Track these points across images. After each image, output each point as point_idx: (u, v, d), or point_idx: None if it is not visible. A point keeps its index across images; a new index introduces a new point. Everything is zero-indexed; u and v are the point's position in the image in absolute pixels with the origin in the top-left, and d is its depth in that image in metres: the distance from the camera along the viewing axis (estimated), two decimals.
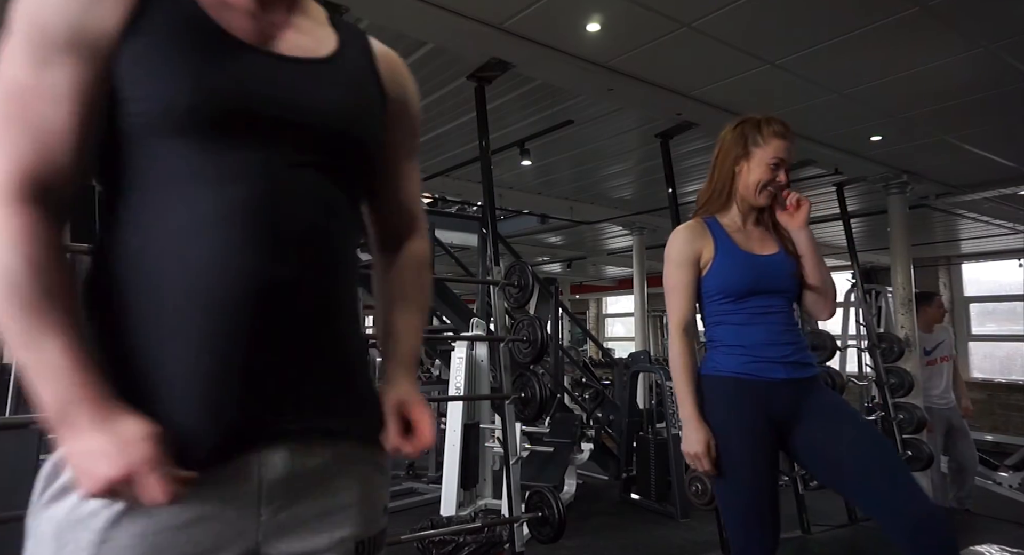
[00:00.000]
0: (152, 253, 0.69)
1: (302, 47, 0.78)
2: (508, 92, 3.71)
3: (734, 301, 1.67)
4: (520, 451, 3.44)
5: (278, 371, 0.71)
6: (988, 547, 2.20)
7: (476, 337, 3.68)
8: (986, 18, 2.77)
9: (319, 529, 0.74)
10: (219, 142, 0.69)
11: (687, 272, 1.71)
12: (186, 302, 0.67)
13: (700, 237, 1.72)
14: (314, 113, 0.75)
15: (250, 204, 0.69)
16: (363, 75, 0.84)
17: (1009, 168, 4.83)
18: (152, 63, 0.68)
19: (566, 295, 13.15)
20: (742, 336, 1.65)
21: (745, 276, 1.66)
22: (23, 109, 0.66)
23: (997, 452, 5.67)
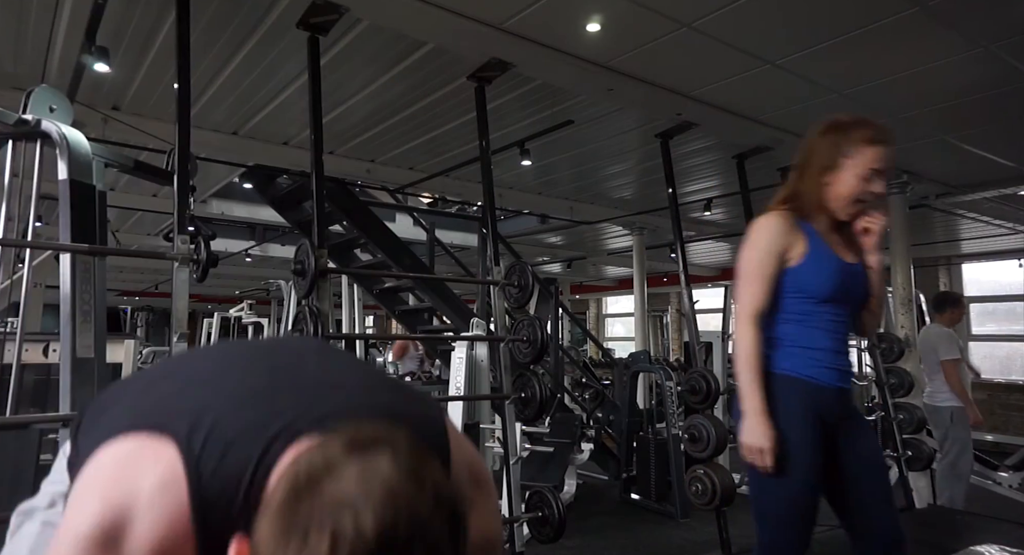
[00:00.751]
0: None
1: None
2: (508, 92, 3.71)
3: (815, 303, 1.65)
4: (520, 451, 3.44)
5: None
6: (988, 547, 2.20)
7: (476, 337, 3.67)
8: (986, 18, 2.77)
9: None
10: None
11: (773, 263, 1.65)
12: None
13: (792, 231, 1.66)
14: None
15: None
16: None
17: (1009, 168, 4.83)
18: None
19: (566, 295, 13.14)
20: (815, 339, 1.65)
21: (834, 281, 1.65)
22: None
23: (997, 452, 5.67)
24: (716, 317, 8.18)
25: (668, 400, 4.44)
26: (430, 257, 5.90)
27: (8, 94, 3.49)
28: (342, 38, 3.11)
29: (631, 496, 4.59)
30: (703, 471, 3.18)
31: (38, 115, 2.03)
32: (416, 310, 5.42)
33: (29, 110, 2.05)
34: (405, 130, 4.39)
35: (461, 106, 3.88)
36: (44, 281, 3.74)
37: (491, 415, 3.91)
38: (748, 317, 1.64)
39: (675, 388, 4.42)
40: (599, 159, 5.12)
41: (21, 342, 1.90)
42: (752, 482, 1.68)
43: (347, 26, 2.98)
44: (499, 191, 5.47)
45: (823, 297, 1.65)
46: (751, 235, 1.69)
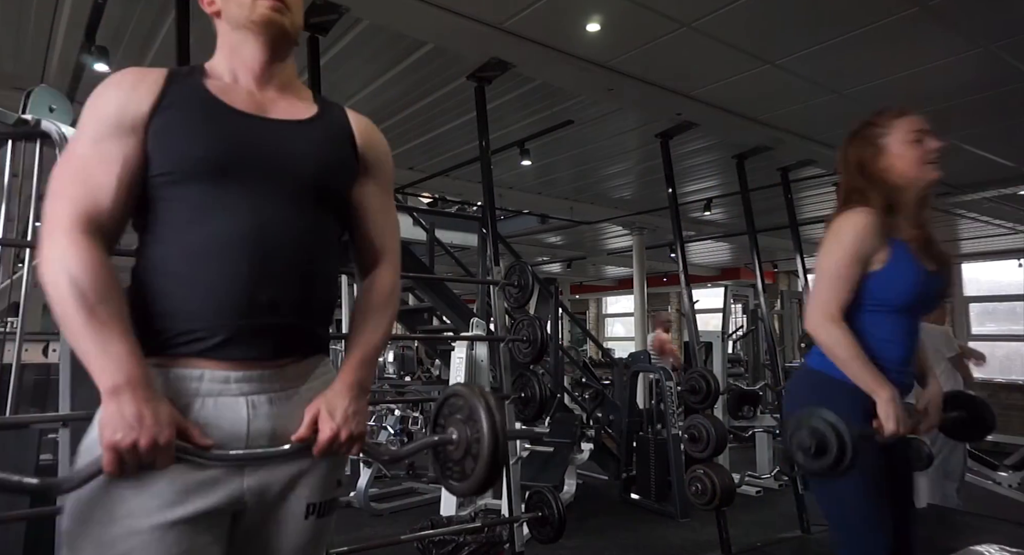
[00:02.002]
0: (171, 267, 0.94)
1: (287, 112, 1.05)
2: (508, 92, 3.71)
3: (887, 313, 1.55)
4: (520, 451, 3.44)
5: None
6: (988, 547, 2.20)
7: (476, 337, 3.67)
8: (986, 18, 2.77)
9: None
10: (220, 185, 0.95)
11: (859, 265, 1.52)
12: (195, 304, 0.93)
13: (880, 232, 1.53)
14: (293, 161, 1.01)
15: (244, 233, 0.94)
16: (338, 135, 1.10)
17: (1009, 168, 4.83)
18: (171, 131, 0.95)
19: (566, 295, 13.15)
20: (884, 350, 1.54)
21: (915, 291, 1.54)
22: (81, 173, 0.93)
23: (997, 452, 5.66)
24: (716, 317, 8.18)
25: (668, 400, 4.44)
26: (430, 257, 5.90)
27: (8, 94, 3.49)
28: (342, 38, 3.11)
29: (631, 496, 4.59)
30: (703, 471, 3.18)
31: (38, 115, 2.03)
32: (416, 310, 5.42)
33: (29, 110, 2.05)
34: (405, 130, 4.39)
35: (461, 106, 3.89)
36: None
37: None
38: (827, 316, 1.52)
39: (675, 388, 4.42)
40: (599, 159, 5.13)
41: (21, 342, 1.90)
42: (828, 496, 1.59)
43: (347, 26, 2.98)
44: (499, 191, 5.48)
45: (901, 308, 1.55)
46: (842, 233, 1.54)
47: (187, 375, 0.92)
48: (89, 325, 0.85)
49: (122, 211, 0.95)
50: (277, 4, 1.02)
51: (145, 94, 0.96)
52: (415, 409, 5.15)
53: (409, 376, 6.89)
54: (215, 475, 0.91)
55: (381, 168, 1.16)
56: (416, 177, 5.41)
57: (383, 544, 2.59)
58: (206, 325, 0.92)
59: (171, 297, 0.93)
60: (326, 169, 1.05)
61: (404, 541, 2.77)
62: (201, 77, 1.02)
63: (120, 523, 0.86)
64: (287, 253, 0.98)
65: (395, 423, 4.80)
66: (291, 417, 0.98)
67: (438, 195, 7.34)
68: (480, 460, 0.97)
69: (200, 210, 0.94)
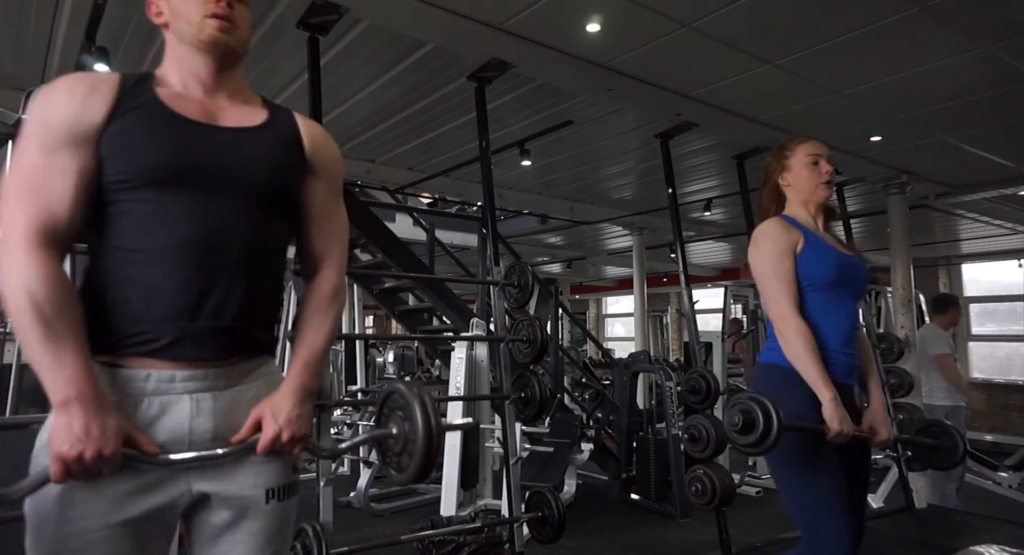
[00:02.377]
0: (122, 270, 0.98)
1: (237, 120, 1.08)
2: (508, 92, 3.71)
3: (819, 289, 1.73)
4: (520, 451, 3.44)
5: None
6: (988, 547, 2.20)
7: (476, 337, 3.67)
8: (986, 18, 2.77)
9: None
10: (171, 192, 0.98)
11: (790, 259, 1.74)
12: (145, 307, 0.97)
13: (792, 228, 1.79)
14: (243, 167, 1.04)
15: (192, 239, 0.98)
16: (287, 140, 1.12)
17: (1009, 168, 4.83)
18: (123, 139, 0.97)
19: (566, 295, 13.15)
20: (824, 329, 1.71)
21: (834, 266, 1.74)
22: (36, 183, 0.94)
23: (997, 452, 5.67)
24: (716, 317, 8.18)
25: (668, 400, 4.44)
26: (430, 257, 5.90)
27: (8, 94, 3.49)
28: (342, 38, 3.11)
29: (631, 496, 4.58)
30: (703, 471, 3.18)
31: None
32: (416, 310, 5.42)
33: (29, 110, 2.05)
34: (405, 130, 4.39)
35: (461, 106, 3.88)
36: None
37: (491, 415, 3.91)
38: (791, 310, 1.69)
39: (675, 388, 4.42)
40: (599, 159, 5.12)
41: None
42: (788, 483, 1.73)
43: (347, 26, 2.98)
44: (499, 191, 5.48)
45: (828, 281, 1.72)
46: (759, 240, 1.79)
47: (134, 375, 0.98)
48: (44, 340, 0.88)
49: (77, 219, 0.97)
50: (224, 24, 1.05)
51: (98, 104, 0.98)
52: None
53: (409, 376, 6.90)
54: (162, 476, 0.97)
55: (329, 171, 1.18)
56: (416, 177, 5.41)
57: (383, 544, 2.59)
58: (153, 327, 0.97)
59: (121, 299, 0.97)
60: (275, 175, 1.08)
61: (404, 541, 2.77)
62: (152, 85, 1.05)
63: (74, 523, 0.92)
64: (234, 259, 1.02)
65: None
66: (234, 413, 1.03)
67: (438, 195, 7.34)
68: (415, 456, 1.03)
69: (151, 216, 0.98)
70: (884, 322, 5.44)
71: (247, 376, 1.06)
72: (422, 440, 1.02)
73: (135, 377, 0.97)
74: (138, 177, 0.97)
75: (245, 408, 1.04)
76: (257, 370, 1.08)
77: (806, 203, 1.85)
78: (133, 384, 0.97)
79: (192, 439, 0.99)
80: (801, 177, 1.84)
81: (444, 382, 5.18)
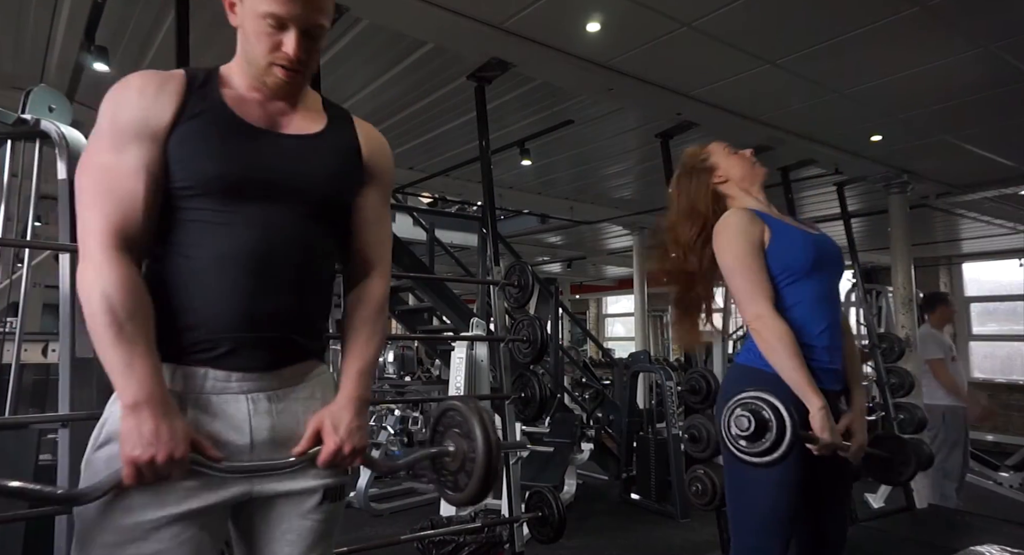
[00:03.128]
0: (181, 279, 0.98)
1: (298, 127, 1.07)
2: (508, 92, 3.71)
3: (798, 281, 1.59)
4: (520, 451, 3.44)
5: None
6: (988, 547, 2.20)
7: (476, 337, 3.67)
8: (986, 18, 2.77)
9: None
10: (235, 201, 0.98)
11: (759, 254, 1.59)
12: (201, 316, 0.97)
13: (755, 218, 1.63)
14: (305, 178, 1.03)
15: (251, 249, 0.98)
16: (346, 147, 1.12)
17: (1009, 168, 4.83)
18: (189, 145, 0.97)
19: (566, 295, 13.14)
20: (808, 323, 1.56)
21: (809, 249, 1.61)
22: (109, 183, 0.94)
23: (997, 452, 5.67)
24: (716, 317, 8.18)
25: (668, 400, 4.43)
26: (430, 257, 5.90)
27: (7, 94, 3.48)
28: (342, 37, 3.11)
29: (631, 496, 4.58)
30: (703, 471, 3.18)
31: (37, 115, 2.03)
32: (416, 310, 5.42)
33: (28, 110, 2.04)
34: (405, 130, 4.38)
35: (461, 106, 3.88)
36: (43, 281, 3.74)
37: (491, 415, 3.91)
38: (765, 308, 1.54)
39: (675, 388, 4.41)
40: (599, 159, 5.12)
41: (20, 342, 1.90)
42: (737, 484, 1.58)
43: (347, 25, 2.98)
44: (499, 191, 5.47)
45: (806, 267, 1.59)
46: (724, 233, 1.63)
47: (193, 372, 0.98)
48: (117, 343, 0.90)
49: (150, 221, 0.97)
50: (291, 75, 1.02)
51: (167, 103, 0.97)
52: (415, 409, 5.15)
53: (409, 376, 6.90)
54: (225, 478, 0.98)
55: (383, 178, 1.17)
56: (416, 177, 5.41)
57: (383, 544, 2.58)
58: (210, 337, 0.97)
59: (179, 307, 0.98)
60: (334, 185, 1.07)
61: (404, 541, 2.77)
62: (218, 86, 1.03)
63: (128, 517, 0.92)
64: (291, 269, 1.02)
65: (395, 423, 4.80)
66: (289, 414, 1.04)
67: (438, 195, 7.34)
68: (475, 475, 1.01)
69: (212, 225, 0.98)
70: (884, 322, 5.43)
71: (300, 378, 1.07)
72: (482, 458, 1.00)
73: (194, 374, 0.98)
74: (200, 186, 0.97)
75: (300, 408, 1.05)
76: (310, 373, 1.09)
77: (750, 188, 1.74)
78: (193, 381, 0.98)
79: (253, 439, 1.00)
80: (732, 165, 1.74)
81: (444, 382, 5.18)
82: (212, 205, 0.98)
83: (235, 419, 0.99)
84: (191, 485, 0.95)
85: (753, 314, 1.56)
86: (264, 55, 1.00)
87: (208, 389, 0.98)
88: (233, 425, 0.99)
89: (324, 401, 1.07)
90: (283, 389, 1.04)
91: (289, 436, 1.02)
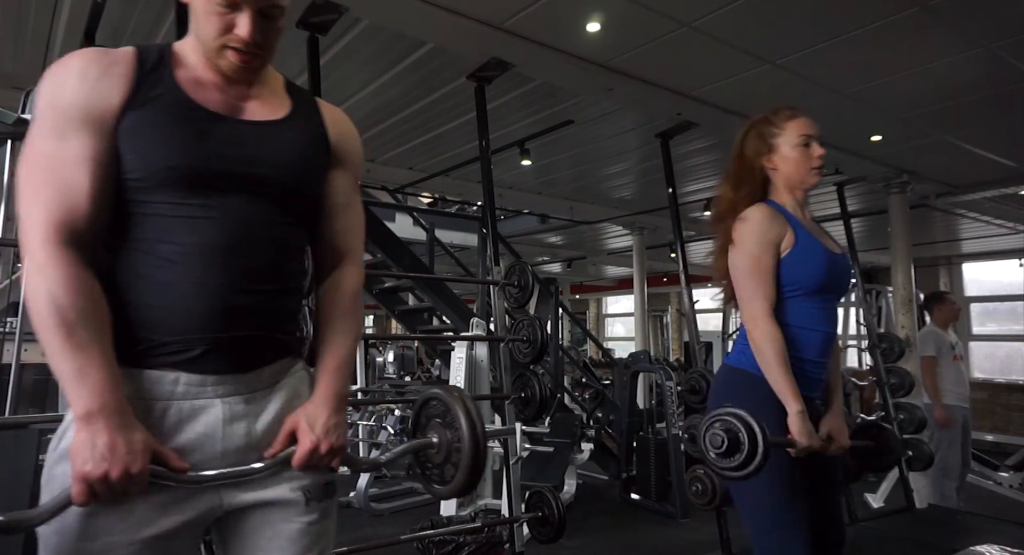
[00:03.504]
0: (144, 276, 0.90)
1: (259, 112, 0.99)
2: (508, 92, 3.71)
3: (802, 297, 1.58)
4: (520, 451, 3.43)
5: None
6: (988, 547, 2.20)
7: (476, 337, 3.67)
8: (986, 18, 2.77)
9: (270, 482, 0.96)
10: (194, 192, 0.91)
11: (772, 255, 1.56)
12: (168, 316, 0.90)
13: (780, 220, 1.59)
14: (268, 166, 0.96)
15: (217, 244, 0.91)
16: (311, 133, 1.04)
17: (1009, 168, 4.83)
18: (142, 134, 0.89)
19: (566, 295, 13.15)
20: (803, 337, 1.57)
21: (825, 270, 1.58)
22: (51, 173, 0.86)
23: (997, 452, 5.67)
24: (716, 317, 8.18)
25: (668, 400, 4.44)
26: (430, 257, 5.90)
27: (7, 94, 3.49)
28: (342, 38, 3.11)
29: (631, 496, 4.58)
30: (703, 471, 3.18)
31: None
32: (416, 310, 5.42)
33: (28, 110, 2.05)
34: (405, 130, 4.39)
35: (461, 106, 3.88)
36: None
37: (491, 415, 3.91)
38: (765, 312, 1.54)
39: (675, 388, 4.42)
40: (599, 159, 5.12)
41: (20, 342, 1.90)
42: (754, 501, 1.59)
43: (347, 26, 2.98)
44: (499, 191, 5.47)
45: (815, 287, 1.58)
46: (743, 231, 1.60)
47: (161, 377, 0.90)
48: (66, 348, 0.82)
49: (100, 213, 0.89)
50: (245, 59, 0.94)
51: (113, 87, 0.89)
52: None
53: (409, 376, 6.90)
54: (192, 489, 0.91)
55: (351, 161, 1.10)
56: (416, 177, 5.41)
57: (383, 544, 2.58)
58: (180, 338, 0.90)
59: (144, 308, 0.90)
60: (301, 173, 1.00)
61: (404, 541, 2.77)
62: (171, 65, 0.94)
63: (98, 540, 0.85)
64: (259, 262, 0.95)
65: (395, 423, 4.80)
66: (268, 416, 0.98)
67: (438, 195, 7.34)
68: (461, 466, 0.96)
69: (173, 219, 0.90)
70: (884, 322, 5.44)
71: (277, 377, 1.00)
72: (468, 448, 0.94)
73: (162, 379, 0.90)
74: (156, 177, 0.89)
75: (277, 410, 0.99)
76: (287, 370, 1.02)
77: (794, 189, 1.65)
78: (160, 387, 0.90)
79: (224, 447, 0.92)
80: (791, 160, 1.63)
81: (444, 382, 5.18)
82: (171, 198, 0.90)
83: (206, 426, 0.92)
84: (158, 501, 0.87)
85: (750, 315, 1.56)
86: (215, 37, 0.92)
87: (179, 394, 0.91)
88: (204, 432, 0.91)
89: (306, 399, 1.02)
90: (262, 391, 0.97)
91: (268, 441, 0.96)
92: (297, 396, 1.02)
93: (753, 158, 1.67)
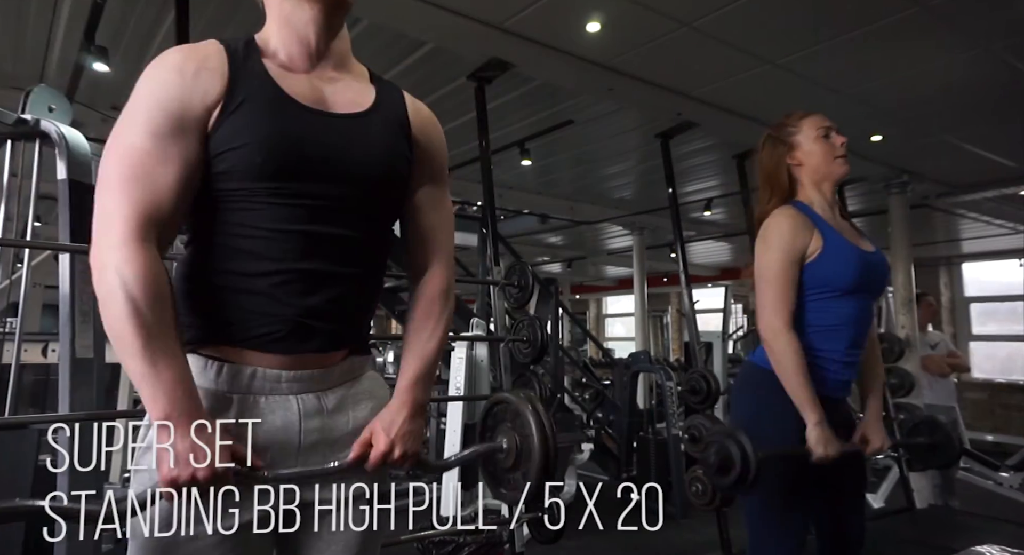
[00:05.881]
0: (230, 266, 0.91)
1: (347, 102, 0.99)
2: (508, 92, 3.71)
3: (833, 298, 1.56)
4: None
5: None
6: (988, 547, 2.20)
7: (476, 337, 3.67)
8: (986, 18, 2.77)
9: None
10: (281, 188, 0.90)
11: (796, 263, 1.55)
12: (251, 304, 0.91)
13: (807, 225, 1.57)
14: (356, 164, 0.96)
15: (302, 237, 0.91)
16: (395, 126, 1.04)
17: (1009, 168, 4.83)
18: (235, 130, 0.89)
19: (566, 295, 13.14)
20: (828, 340, 1.57)
21: (858, 270, 1.56)
22: (141, 169, 0.86)
23: (998, 452, 5.66)
24: (716, 317, 8.18)
25: (668, 400, 4.43)
26: None
27: (7, 94, 3.48)
28: None
29: (631, 496, 4.58)
30: (703, 471, 3.18)
31: (37, 115, 2.03)
32: None
33: (28, 110, 2.04)
34: None
35: (461, 106, 3.88)
36: (43, 281, 3.74)
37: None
38: (784, 323, 1.53)
39: (675, 388, 4.41)
40: (599, 159, 5.12)
41: (20, 342, 1.90)
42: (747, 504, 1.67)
43: (347, 25, 2.97)
44: (499, 191, 5.47)
45: (847, 287, 1.55)
46: (769, 238, 1.58)
47: (239, 371, 0.92)
48: (144, 348, 0.82)
49: (181, 214, 0.90)
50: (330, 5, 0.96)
51: (209, 85, 0.89)
52: None
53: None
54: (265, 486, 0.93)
55: (435, 159, 1.09)
56: None
57: (383, 544, 2.58)
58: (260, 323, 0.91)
59: (226, 297, 0.91)
60: (386, 167, 0.99)
61: (404, 541, 2.77)
62: (260, 58, 0.95)
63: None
64: (344, 256, 0.95)
65: None
66: (339, 415, 0.99)
67: None
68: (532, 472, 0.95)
69: (258, 212, 0.90)
70: (885, 322, 5.44)
71: (349, 377, 1.02)
72: (539, 454, 0.92)
73: (241, 373, 0.92)
74: (246, 171, 0.89)
75: (352, 409, 1.00)
76: (358, 372, 1.03)
77: (821, 183, 1.64)
78: (239, 380, 0.92)
79: (301, 442, 0.94)
80: (813, 153, 1.63)
81: (444, 382, 5.18)
82: (259, 192, 0.90)
83: (283, 421, 0.93)
84: (234, 498, 0.89)
85: (769, 326, 1.55)
86: None
87: (256, 389, 0.93)
88: (280, 428, 0.93)
89: (377, 399, 1.03)
90: (333, 389, 0.99)
91: (338, 439, 0.98)
92: (378, 396, 1.04)
93: (776, 163, 1.67)
